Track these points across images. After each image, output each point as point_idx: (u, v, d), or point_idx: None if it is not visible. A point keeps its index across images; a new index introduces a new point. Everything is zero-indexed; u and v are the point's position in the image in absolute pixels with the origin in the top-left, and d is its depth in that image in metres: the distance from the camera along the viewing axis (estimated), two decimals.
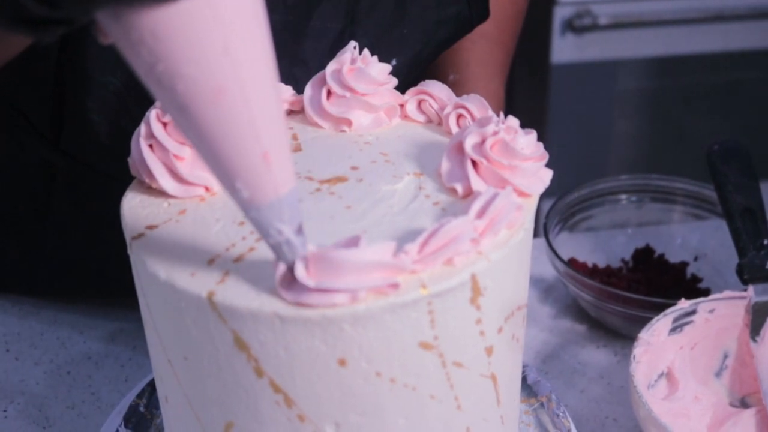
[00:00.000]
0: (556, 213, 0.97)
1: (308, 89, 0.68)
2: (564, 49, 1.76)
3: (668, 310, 0.80)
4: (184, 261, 0.55)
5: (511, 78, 1.83)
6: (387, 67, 0.68)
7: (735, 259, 0.82)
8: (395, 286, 0.51)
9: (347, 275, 0.51)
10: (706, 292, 0.94)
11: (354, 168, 0.63)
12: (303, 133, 0.67)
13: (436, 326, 0.54)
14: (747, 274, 0.79)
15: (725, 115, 1.92)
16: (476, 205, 0.55)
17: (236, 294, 0.53)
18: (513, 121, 0.61)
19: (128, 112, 0.78)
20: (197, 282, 0.54)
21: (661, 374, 0.80)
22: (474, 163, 0.59)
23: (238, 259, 0.55)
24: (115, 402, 0.82)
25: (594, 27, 1.73)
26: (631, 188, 1.02)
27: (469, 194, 0.59)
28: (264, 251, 0.55)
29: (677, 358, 0.80)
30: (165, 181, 0.60)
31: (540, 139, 0.61)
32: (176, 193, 0.60)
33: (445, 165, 0.61)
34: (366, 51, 0.68)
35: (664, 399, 0.78)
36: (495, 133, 0.59)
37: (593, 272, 0.96)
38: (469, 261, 0.54)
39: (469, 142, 0.59)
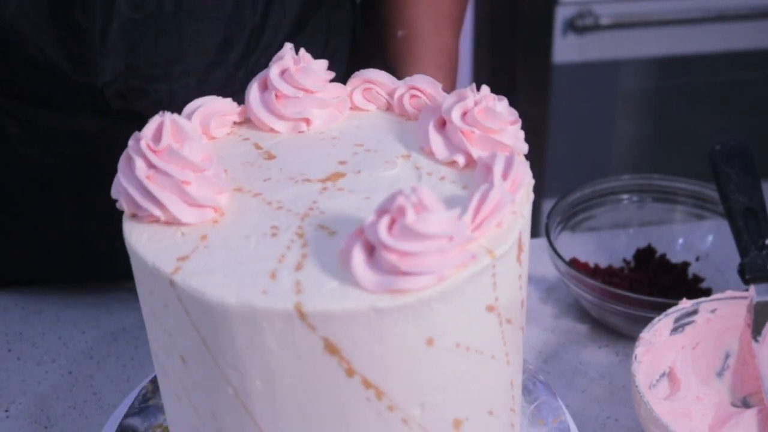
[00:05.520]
0: (558, 213, 0.97)
1: (253, 96, 0.65)
2: (566, 49, 1.76)
3: (670, 310, 0.80)
4: (245, 281, 0.52)
5: (513, 78, 1.84)
6: (325, 63, 0.67)
7: (737, 259, 0.81)
8: (473, 257, 0.53)
9: (430, 256, 0.51)
10: (707, 292, 0.94)
11: (342, 162, 0.62)
12: (262, 140, 0.65)
13: (498, 288, 0.55)
14: (749, 274, 0.79)
15: (727, 114, 1.92)
16: (498, 170, 0.57)
17: (323, 299, 0.51)
18: (485, 89, 0.63)
19: None
20: (274, 298, 0.51)
21: (663, 374, 0.80)
22: (464, 134, 0.61)
23: (299, 267, 0.53)
24: (117, 402, 0.82)
25: (596, 27, 1.73)
26: (633, 188, 1.02)
27: (470, 163, 0.61)
28: (318, 253, 0.54)
29: (679, 357, 0.80)
30: (178, 209, 0.57)
31: (542, 139, 0.62)
32: (190, 219, 0.57)
33: (436, 142, 0.62)
34: (303, 51, 0.66)
35: (666, 399, 0.78)
36: (477, 103, 0.61)
37: (595, 272, 0.96)
38: (512, 221, 0.56)
39: (456, 115, 0.61)
